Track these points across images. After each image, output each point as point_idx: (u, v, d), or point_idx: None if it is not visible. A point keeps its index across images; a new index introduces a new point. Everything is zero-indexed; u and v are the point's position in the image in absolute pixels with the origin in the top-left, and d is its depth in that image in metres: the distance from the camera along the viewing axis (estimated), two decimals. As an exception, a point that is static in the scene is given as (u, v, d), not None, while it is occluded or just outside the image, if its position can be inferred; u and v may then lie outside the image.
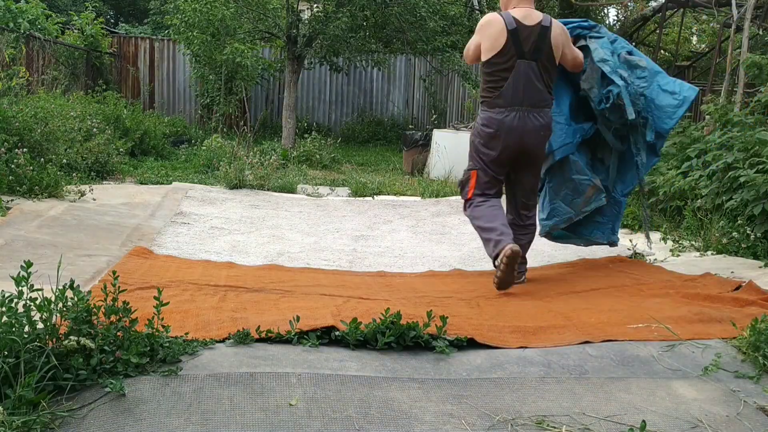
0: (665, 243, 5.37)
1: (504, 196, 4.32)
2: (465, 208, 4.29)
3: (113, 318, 2.39)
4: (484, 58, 4.05)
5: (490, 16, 4.08)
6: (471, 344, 2.86)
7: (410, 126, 14.38)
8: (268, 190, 7.82)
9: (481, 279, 4.45)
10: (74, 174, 6.72)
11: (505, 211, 4.30)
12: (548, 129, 4.14)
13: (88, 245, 4.48)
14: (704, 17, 14.46)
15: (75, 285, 2.35)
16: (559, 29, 4.09)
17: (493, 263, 4.00)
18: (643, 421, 2.15)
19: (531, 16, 4.00)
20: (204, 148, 9.61)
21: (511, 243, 3.87)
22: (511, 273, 3.88)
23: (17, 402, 1.98)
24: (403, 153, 10.71)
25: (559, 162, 4.39)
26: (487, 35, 4.02)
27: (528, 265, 4.74)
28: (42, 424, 1.96)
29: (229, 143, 9.56)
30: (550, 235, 4.69)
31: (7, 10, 11.13)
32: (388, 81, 15.42)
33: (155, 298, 2.50)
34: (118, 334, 2.36)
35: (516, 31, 3.94)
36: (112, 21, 23.04)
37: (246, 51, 11.46)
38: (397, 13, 11.04)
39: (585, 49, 4.35)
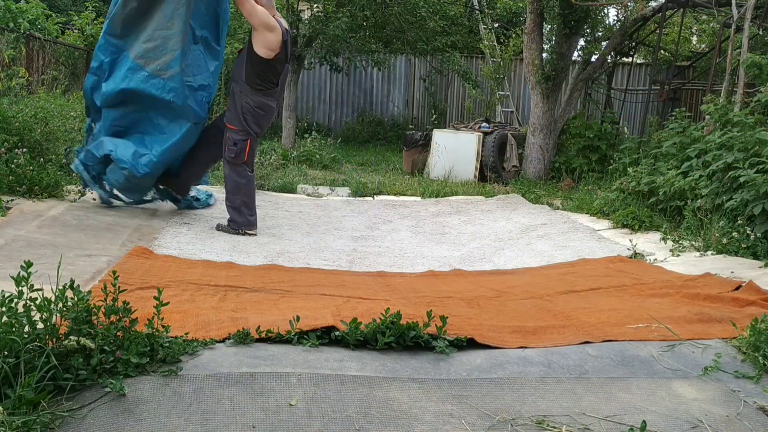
0: (665, 243, 5.37)
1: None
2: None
3: (113, 318, 2.39)
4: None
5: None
6: (471, 344, 2.86)
7: (410, 126, 14.37)
8: (268, 189, 7.81)
9: (481, 279, 4.45)
10: (74, 174, 6.71)
11: None
12: None
13: (88, 245, 4.47)
14: (704, 17, 14.47)
15: (75, 285, 2.35)
16: None
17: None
18: (644, 421, 2.15)
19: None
20: (204, 147, 9.60)
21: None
22: None
23: (17, 402, 1.98)
24: (403, 153, 10.70)
25: None
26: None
27: (528, 265, 4.73)
28: (42, 424, 1.96)
29: (229, 143, 9.54)
30: None
31: (7, 10, 11.11)
32: (388, 81, 15.41)
33: (155, 298, 2.50)
34: (118, 334, 2.36)
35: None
36: (112, 21, 23.00)
37: (246, 51, 11.44)
38: (397, 13, 11.03)
39: None
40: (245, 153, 5.31)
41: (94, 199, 6.04)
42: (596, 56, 10.24)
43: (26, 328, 2.17)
